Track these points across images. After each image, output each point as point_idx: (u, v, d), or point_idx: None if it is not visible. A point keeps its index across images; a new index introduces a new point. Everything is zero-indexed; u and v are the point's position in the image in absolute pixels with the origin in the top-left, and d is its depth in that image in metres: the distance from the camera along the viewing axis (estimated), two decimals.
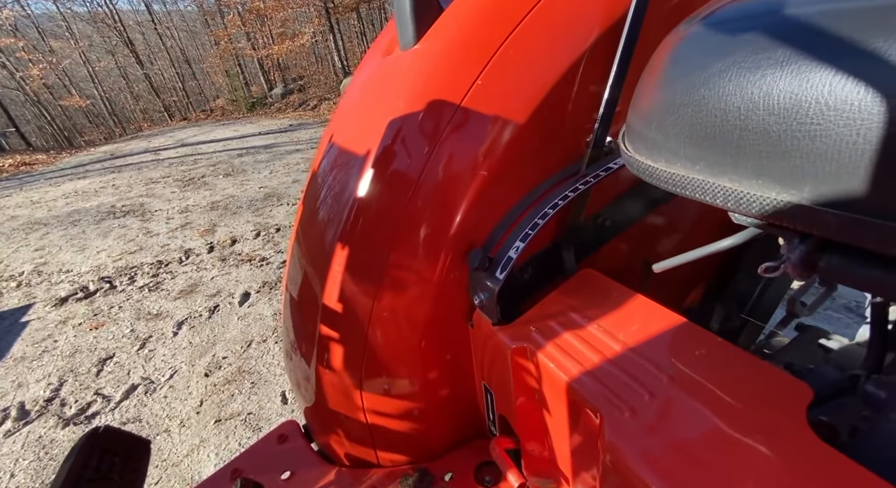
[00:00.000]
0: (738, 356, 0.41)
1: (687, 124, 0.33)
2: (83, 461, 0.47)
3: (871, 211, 0.24)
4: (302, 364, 0.72)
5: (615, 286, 0.55)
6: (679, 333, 0.46)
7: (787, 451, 0.33)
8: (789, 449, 0.33)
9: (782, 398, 0.36)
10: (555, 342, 0.51)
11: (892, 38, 0.22)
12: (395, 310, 0.60)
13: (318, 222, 0.65)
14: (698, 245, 0.49)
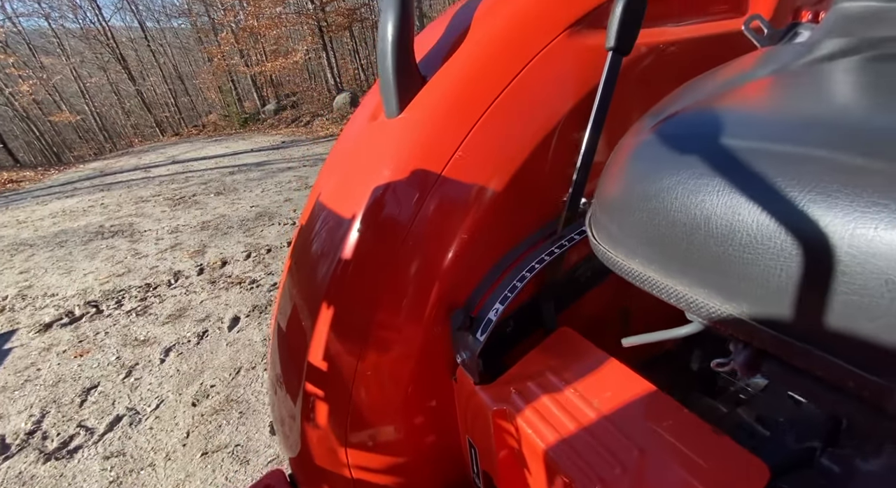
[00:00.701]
0: (703, 431, 0.43)
1: (642, 228, 0.35)
2: None
3: (797, 335, 0.26)
4: (287, 418, 0.72)
5: (590, 348, 0.58)
6: (649, 404, 0.48)
7: None
8: None
9: (741, 479, 0.38)
10: (533, 406, 0.53)
11: (805, 189, 0.25)
12: (378, 369, 0.62)
13: (305, 281, 0.67)
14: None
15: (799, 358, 0.27)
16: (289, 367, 0.69)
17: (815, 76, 0.38)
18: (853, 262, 0.23)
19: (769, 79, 0.41)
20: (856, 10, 0.51)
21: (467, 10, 0.69)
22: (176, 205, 5.55)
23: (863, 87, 0.33)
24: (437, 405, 0.67)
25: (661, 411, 0.47)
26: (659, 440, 0.44)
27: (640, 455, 0.44)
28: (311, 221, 0.70)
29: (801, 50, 0.49)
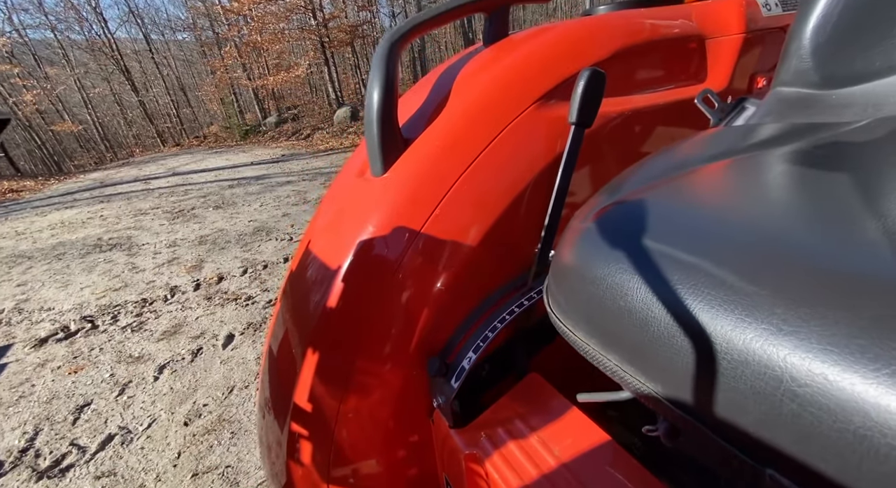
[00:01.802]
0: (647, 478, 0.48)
1: (583, 307, 0.41)
2: None
3: (697, 417, 0.31)
4: (274, 447, 0.76)
5: (555, 395, 0.62)
6: (603, 453, 0.52)
7: None
8: None
9: None
10: (500, 452, 0.57)
11: (698, 297, 0.30)
12: (359, 412, 0.66)
13: (292, 326, 0.71)
14: None
15: (699, 436, 0.31)
16: (276, 402, 0.73)
17: (737, 173, 0.44)
18: (730, 365, 0.28)
19: (703, 169, 0.46)
20: (790, 95, 0.58)
21: (447, 77, 0.75)
22: (175, 218, 5.60)
23: (769, 194, 0.39)
24: (415, 442, 0.71)
25: (612, 460, 0.51)
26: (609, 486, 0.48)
27: None
28: (301, 268, 0.75)
29: (739, 134, 0.55)
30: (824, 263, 0.28)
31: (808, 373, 0.24)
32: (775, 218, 0.35)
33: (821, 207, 0.35)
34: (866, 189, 0.34)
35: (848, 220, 0.31)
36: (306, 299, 0.72)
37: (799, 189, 0.37)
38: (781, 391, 0.25)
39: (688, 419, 0.32)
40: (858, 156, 0.40)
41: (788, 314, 0.26)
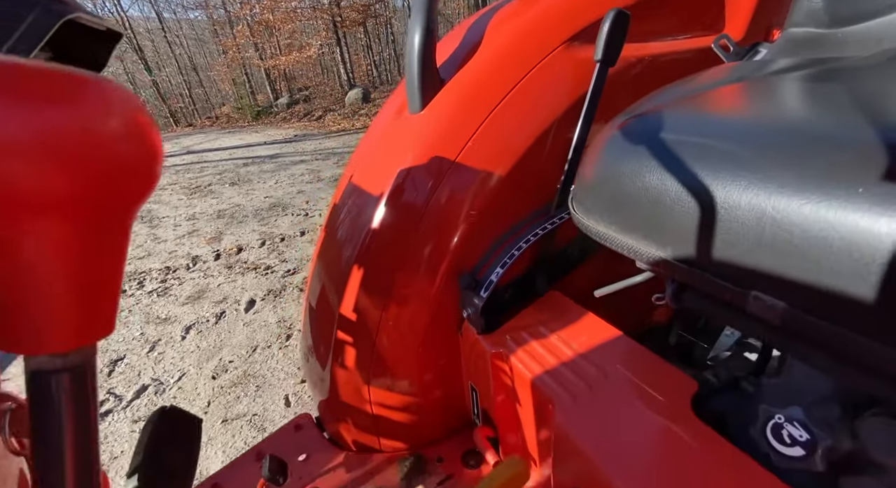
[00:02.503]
0: (652, 359, 0.56)
1: (605, 198, 0.48)
2: (159, 430, 0.61)
3: (699, 266, 0.39)
4: (318, 364, 0.86)
5: (573, 306, 0.70)
6: (614, 342, 0.61)
7: (670, 427, 0.47)
8: (672, 425, 0.47)
9: (675, 389, 0.51)
10: (523, 348, 0.66)
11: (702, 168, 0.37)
12: (399, 320, 0.75)
13: (338, 247, 0.80)
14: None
15: (698, 283, 0.39)
16: (323, 314, 0.82)
17: (744, 90, 0.50)
18: (726, 212, 0.36)
19: (715, 90, 0.53)
20: (800, 35, 0.63)
21: (480, 24, 0.82)
22: (192, 193, 5.73)
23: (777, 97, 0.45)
24: (444, 355, 0.80)
25: (622, 347, 0.59)
26: (619, 366, 0.57)
27: (603, 377, 0.56)
28: (344, 199, 0.84)
29: (749, 66, 0.61)
30: (807, 136, 0.35)
31: (784, 203, 0.32)
32: (772, 111, 0.42)
33: (813, 105, 0.41)
34: (856, 96, 0.41)
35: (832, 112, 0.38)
36: (350, 226, 0.80)
37: (796, 96, 0.44)
38: (765, 220, 0.33)
39: (691, 270, 0.39)
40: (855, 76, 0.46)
41: (773, 166, 0.34)
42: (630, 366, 0.56)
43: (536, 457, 0.66)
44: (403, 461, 0.81)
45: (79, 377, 0.22)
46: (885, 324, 0.28)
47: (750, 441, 0.47)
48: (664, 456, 0.46)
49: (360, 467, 0.82)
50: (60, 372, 0.21)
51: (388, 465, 0.81)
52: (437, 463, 0.80)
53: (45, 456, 0.21)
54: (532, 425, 0.64)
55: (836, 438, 0.39)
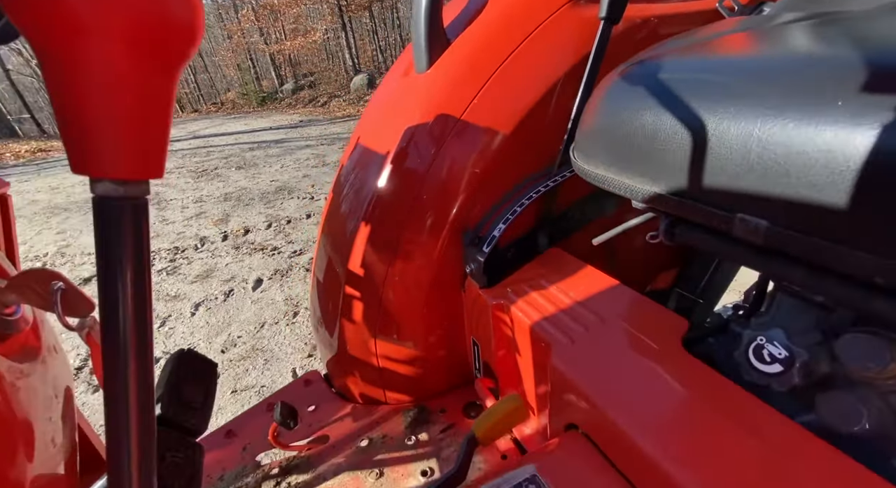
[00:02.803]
0: (647, 303, 0.58)
1: (604, 141, 0.50)
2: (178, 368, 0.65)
3: (688, 196, 0.41)
4: (327, 319, 0.89)
5: (573, 260, 0.73)
6: (610, 290, 0.63)
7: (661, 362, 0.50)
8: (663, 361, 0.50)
9: (666, 328, 0.53)
10: (523, 298, 0.68)
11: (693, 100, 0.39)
12: (404, 276, 0.78)
13: (346, 205, 0.83)
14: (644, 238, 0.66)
15: (690, 213, 0.41)
16: (332, 270, 0.85)
17: (743, 38, 0.51)
18: (716, 139, 0.37)
19: (714, 39, 0.54)
20: None
21: None
22: (199, 177, 5.78)
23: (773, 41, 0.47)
24: (448, 311, 0.83)
25: (618, 294, 0.62)
26: (614, 311, 0.59)
27: (599, 321, 0.59)
28: (351, 159, 0.86)
29: (754, 20, 0.62)
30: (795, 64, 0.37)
31: (770, 124, 0.34)
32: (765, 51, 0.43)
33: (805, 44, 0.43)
34: (849, 36, 0.42)
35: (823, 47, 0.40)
36: (358, 184, 0.82)
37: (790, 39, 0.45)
38: (751, 142, 0.35)
39: (683, 201, 0.41)
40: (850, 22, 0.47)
41: (761, 91, 0.36)
42: (625, 311, 0.59)
43: (534, 401, 0.69)
44: (408, 412, 0.85)
45: (138, 209, 0.26)
46: (857, 230, 0.30)
47: (734, 366, 0.50)
48: (655, 388, 0.49)
49: (367, 417, 0.86)
50: (123, 200, 0.25)
51: (392, 415, 0.85)
52: (440, 414, 0.84)
53: (107, 278, 0.25)
54: (530, 371, 0.67)
55: (813, 353, 0.42)
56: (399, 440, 0.79)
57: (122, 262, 0.25)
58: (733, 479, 0.37)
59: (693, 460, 0.40)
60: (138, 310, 0.26)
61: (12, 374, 0.40)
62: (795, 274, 0.36)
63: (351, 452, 0.78)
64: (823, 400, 0.41)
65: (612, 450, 0.48)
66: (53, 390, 0.52)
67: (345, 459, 0.77)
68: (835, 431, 0.40)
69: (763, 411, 0.42)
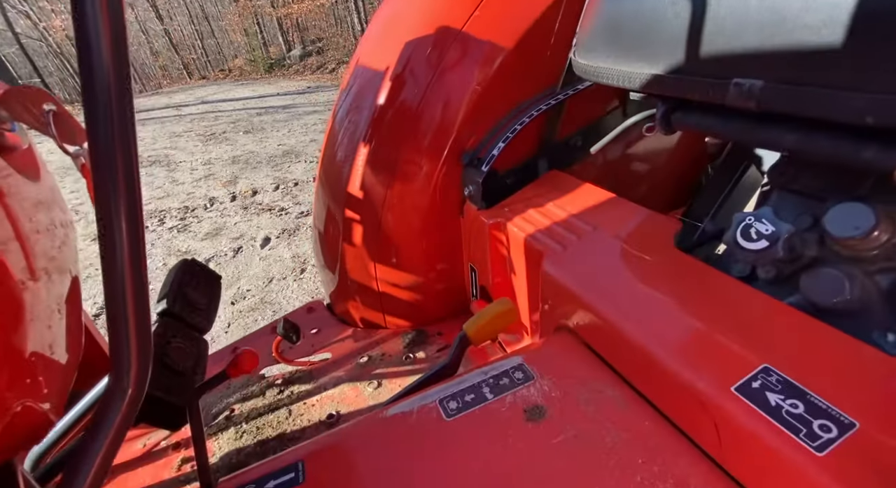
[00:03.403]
0: (641, 211, 0.59)
1: (605, 34, 0.49)
2: (183, 273, 0.67)
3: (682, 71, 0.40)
4: (329, 244, 0.91)
5: (571, 179, 0.72)
6: (607, 202, 0.63)
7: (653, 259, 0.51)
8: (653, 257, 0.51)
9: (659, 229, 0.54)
10: (520, 216, 0.69)
11: None
12: (403, 199, 0.78)
13: (345, 127, 0.83)
14: (654, 170, 0.65)
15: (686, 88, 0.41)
16: (333, 193, 0.86)
17: None
18: (716, 4, 0.36)
19: None
20: None
21: None
22: (207, 140, 5.77)
23: None
24: (446, 238, 0.84)
25: (614, 205, 0.62)
26: (608, 219, 0.60)
27: (592, 230, 0.59)
28: (352, 78, 0.85)
29: None
30: None
31: None
32: None
33: None
34: None
35: None
36: (356, 105, 0.82)
37: None
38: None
39: (679, 77, 0.41)
40: None
41: None
42: (619, 218, 0.59)
43: (526, 310, 0.70)
44: (406, 334, 0.87)
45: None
46: (851, 69, 0.29)
47: (724, 259, 0.50)
48: (643, 284, 0.50)
49: (367, 339, 0.89)
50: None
51: (392, 338, 0.88)
52: (437, 336, 0.86)
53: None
54: (524, 282, 0.68)
55: (799, 228, 0.42)
56: (397, 358, 0.82)
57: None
58: (720, 358, 0.38)
59: (679, 345, 0.41)
60: (123, 143, 0.26)
61: (11, 185, 0.38)
62: (787, 139, 0.35)
63: (351, 367, 0.81)
64: (808, 279, 0.41)
65: (600, 344, 0.50)
66: (52, 219, 0.49)
67: (345, 373, 0.80)
68: (820, 307, 0.40)
69: (749, 294, 0.43)
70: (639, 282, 0.50)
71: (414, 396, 0.49)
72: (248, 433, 0.71)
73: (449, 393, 0.48)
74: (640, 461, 0.39)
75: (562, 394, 0.46)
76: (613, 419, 0.43)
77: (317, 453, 0.44)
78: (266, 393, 0.78)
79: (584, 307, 0.51)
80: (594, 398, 0.45)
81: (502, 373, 0.50)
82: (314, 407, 0.74)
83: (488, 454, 0.41)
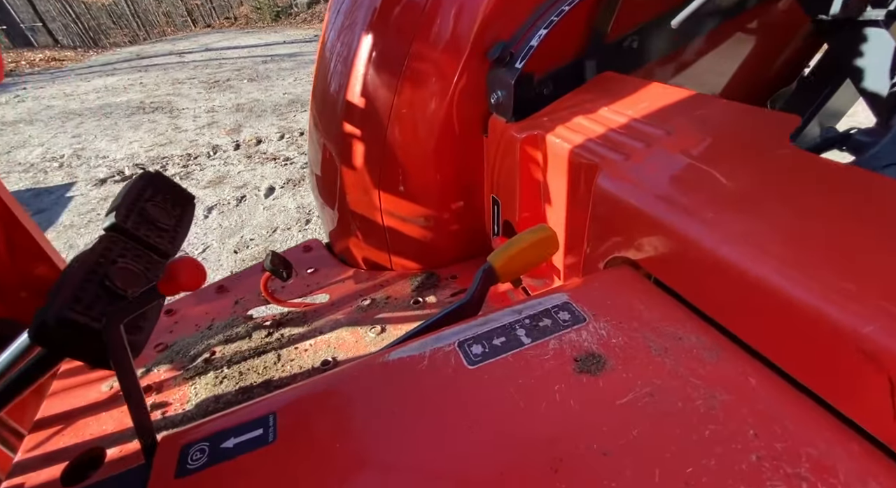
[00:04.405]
0: (734, 108, 0.43)
1: None
2: (145, 187, 0.55)
3: None
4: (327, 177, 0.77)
5: (632, 80, 0.57)
6: (685, 102, 0.48)
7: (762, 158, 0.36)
8: (762, 157, 0.36)
9: (770, 126, 0.39)
10: (564, 125, 0.54)
11: None
12: (413, 106, 0.64)
13: (339, 48, 0.67)
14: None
15: None
16: (328, 102, 0.71)
17: None
18: None
19: None
20: None
21: None
22: (211, 88, 5.53)
23: None
24: (464, 160, 0.69)
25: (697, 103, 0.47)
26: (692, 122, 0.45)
27: (666, 134, 0.45)
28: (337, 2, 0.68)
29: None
30: None
31: None
32: None
33: None
34: None
35: None
36: (351, 14, 0.65)
37: None
38: None
39: None
40: None
41: None
42: (707, 118, 0.44)
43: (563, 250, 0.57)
44: (415, 276, 0.75)
45: None
46: None
47: None
48: (761, 191, 0.36)
49: (370, 280, 0.77)
50: None
51: (398, 280, 0.76)
52: (451, 280, 0.74)
53: None
54: (563, 212, 0.54)
55: None
56: (404, 301, 0.71)
57: None
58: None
59: (826, 275, 0.27)
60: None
61: None
62: None
63: (351, 310, 0.70)
64: None
65: (681, 278, 0.37)
66: None
67: (344, 316, 0.69)
68: None
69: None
70: (747, 191, 0.36)
71: (424, 338, 0.37)
72: (229, 378, 0.61)
73: (471, 335, 0.36)
74: (751, 433, 0.27)
75: (626, 341, 0.34)
76: (702, 374, 0.31)
77: (295, 404, 0.33)
78: (252, 336, 0.68)
79: (656, 229, 0.38)
80: (672, 346, 0.33)
81: (541, 313, 0.38)
82: (307, 352, 0.64)
83: (526, 414, 0.29)
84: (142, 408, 0.32)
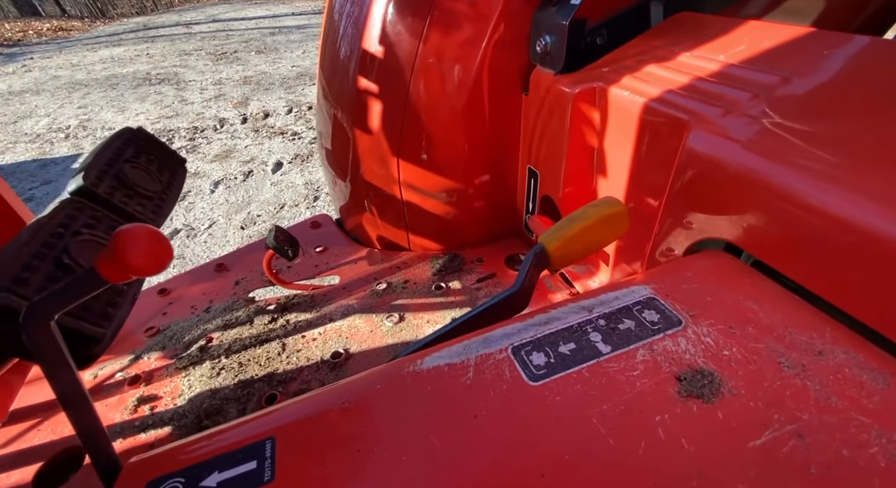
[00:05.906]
0: (881, 44, 0.33)
1: None
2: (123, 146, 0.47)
3: None
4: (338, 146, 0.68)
5: (720, 19, 0.46)
6: (805, 39, 0.37)
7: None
8: None
9: None
10: (633, 75, 0.43)
11: None
12: (441, 56, 0.53)
13: (349, 8, 0.56)
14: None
15: None
16: (340, 71, 0.62)
17: None
18: None
19: None
20: None
21: None
22: (218, 59, 5.38)
23: None
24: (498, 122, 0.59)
25: (818, 42, 0.36)
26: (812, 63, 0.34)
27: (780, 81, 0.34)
28: None
29: None
30: None
31: None
32: None
33: None
34: None
35: None
36: None
37: None
38: None
39: None
40: None
41: None
42: (840, 57, 0.34)
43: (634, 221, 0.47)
44: (436, 258, 0.67)
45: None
46: None
47: None
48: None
49: (385, 261, 0.68)
50: None
51: (417, 261, 0.67)
52: (477, 263, 0.65)
53: None
54: (626, 177, 0.44)
55: None
56: (424, 286, 0.62)
57: None
58: None
59: None
60: None
61: None
62: None
63: (364, 295, 0.62)
64: None
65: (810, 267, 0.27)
66: None
67: (356, 302, 0.61)
68: None
69: None
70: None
71: (465, 340, 0.29)
72: (227, 369, 0.53)
73: (528, 338, 0.28)
74: None
75: (743, 354, 0.25)
76: (869, 408, 0.22)
77: (299, 426, 0.25)
78: (254, 321, 0.60)
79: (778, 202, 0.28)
80: (811, 363, 0.24)
81: (620, 312, 0.29)
82: (315, 342, 0.56)
83: (621, 457, 0.21)
84: (92, 420, 0.24)
